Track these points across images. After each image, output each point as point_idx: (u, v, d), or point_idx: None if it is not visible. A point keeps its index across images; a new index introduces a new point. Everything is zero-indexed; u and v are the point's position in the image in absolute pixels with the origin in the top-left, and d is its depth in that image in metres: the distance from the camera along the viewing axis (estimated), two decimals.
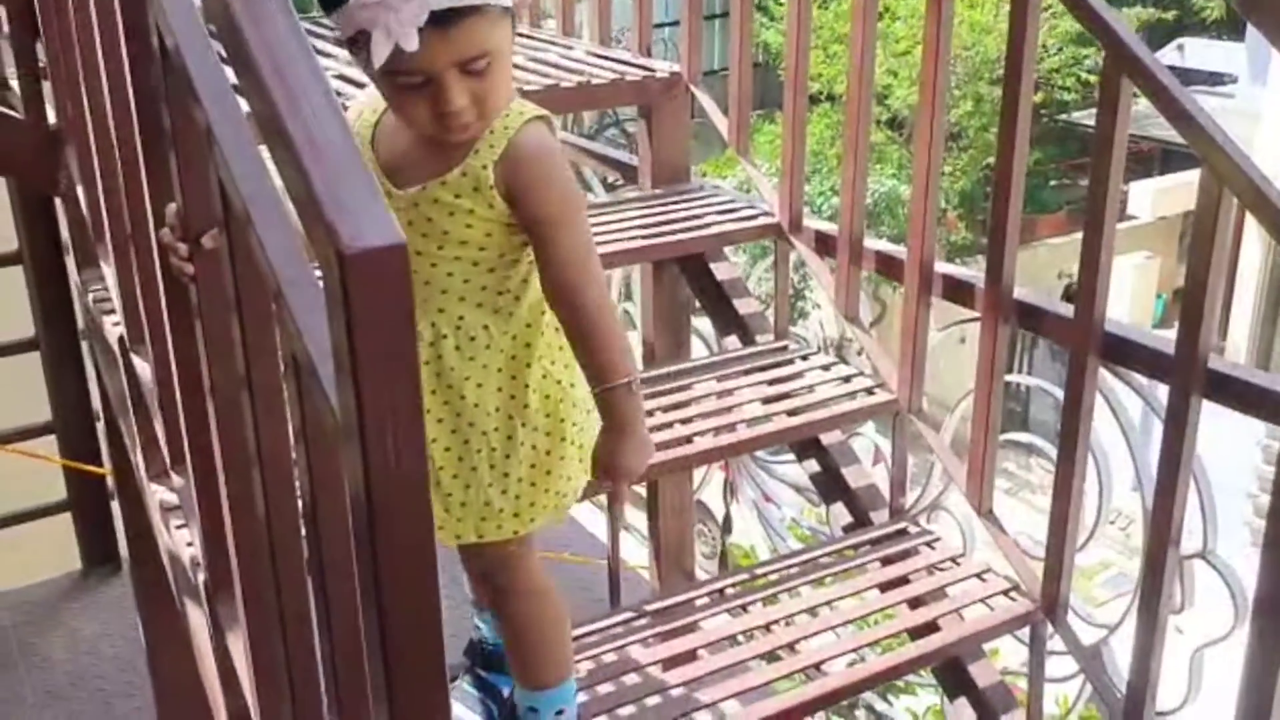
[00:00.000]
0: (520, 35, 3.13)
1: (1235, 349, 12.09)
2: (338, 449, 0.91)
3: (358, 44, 1.30)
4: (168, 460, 1.76)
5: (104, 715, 3.01)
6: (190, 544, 1.69)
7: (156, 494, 1.92)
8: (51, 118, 2.49)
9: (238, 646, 1.51)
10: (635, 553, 3.40)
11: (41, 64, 2.49)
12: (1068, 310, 1.98)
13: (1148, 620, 1.90)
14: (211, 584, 1.58)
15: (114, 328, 2.06)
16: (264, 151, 1.04)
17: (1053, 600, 2.06)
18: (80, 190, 2.18)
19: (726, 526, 3.00)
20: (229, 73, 1.11)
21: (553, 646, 1.63)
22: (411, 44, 1.27)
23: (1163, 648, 1.91)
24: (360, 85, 2.25)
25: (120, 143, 1.61)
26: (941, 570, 2.20)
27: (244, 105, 1.07)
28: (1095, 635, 2.10)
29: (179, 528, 1.81)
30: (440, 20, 1.28)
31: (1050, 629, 2.09)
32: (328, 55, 2.42)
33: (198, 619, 1.74)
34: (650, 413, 2.32)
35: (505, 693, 1.75)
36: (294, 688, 1.30)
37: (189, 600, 1.79)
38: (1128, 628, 1.98)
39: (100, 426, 3.33)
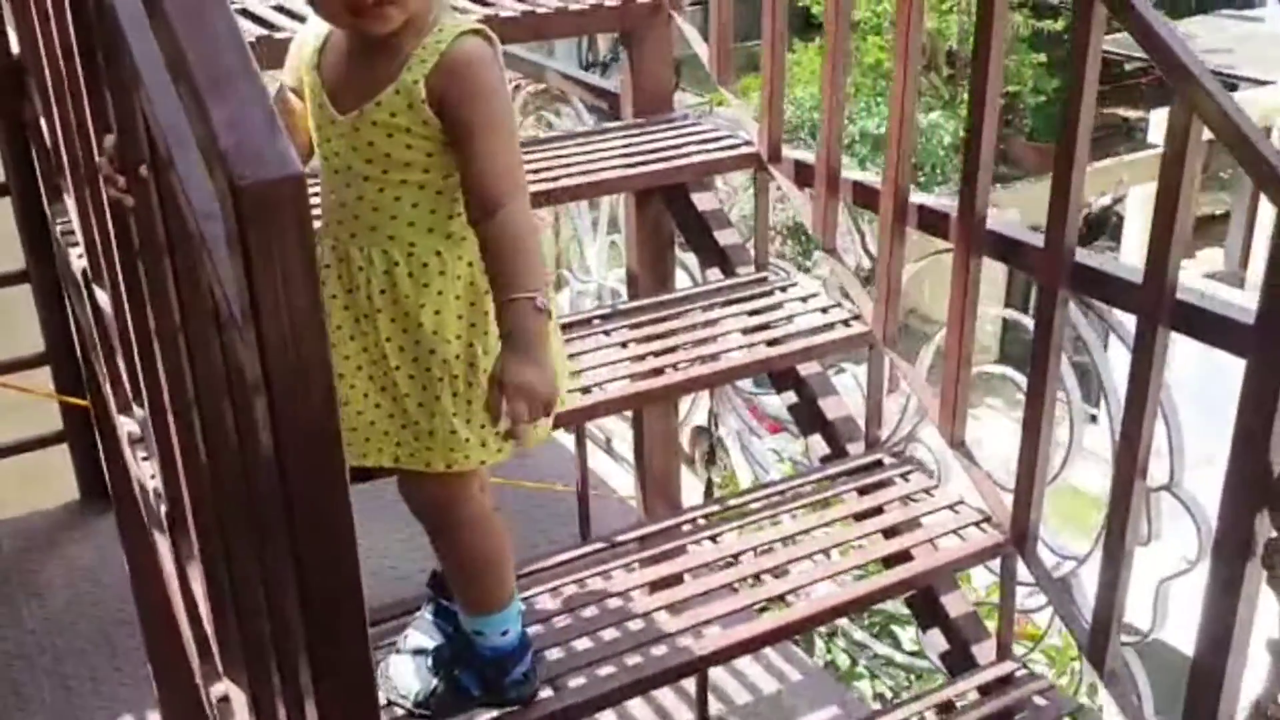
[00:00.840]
0: None
1: (1256, 281, 11.95)
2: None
3: None
4: (129, 392, 1.77)
5: (101, 640, 3.06)
6: (153, 475, 1.71)
7: (125, 426, 1.93)
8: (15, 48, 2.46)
9: (196, 576, 1.53)
10: (627, 484, 3.42)
11: None
12: (1039, 240, 1.96)
13: (1114, 552, 1.90)
14: (171, 515, 1.59)
15: (79, 260, 2.06)
16: None
17: (1022, 532, 2.06)
18: (43, 121, 2.16)
19: (711, 458, 3.01)
20: None
21: (496, 573, 1.64)
22: None
23: (1129, 578, 1.91)
24: (298, 17, 2.22)
25: (68, 76, 1.60)
26: (915, 501, 2.21)
27: None
28: (1066, 567, 2.10)
29: (144, 459, 1.82)
30: None
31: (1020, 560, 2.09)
32: None
33: (164, 548, 1.76)
34: (624, 344, 2.32)
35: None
36: (240, 617, 1.32)
37: (155, 530, 1.80)
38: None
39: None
